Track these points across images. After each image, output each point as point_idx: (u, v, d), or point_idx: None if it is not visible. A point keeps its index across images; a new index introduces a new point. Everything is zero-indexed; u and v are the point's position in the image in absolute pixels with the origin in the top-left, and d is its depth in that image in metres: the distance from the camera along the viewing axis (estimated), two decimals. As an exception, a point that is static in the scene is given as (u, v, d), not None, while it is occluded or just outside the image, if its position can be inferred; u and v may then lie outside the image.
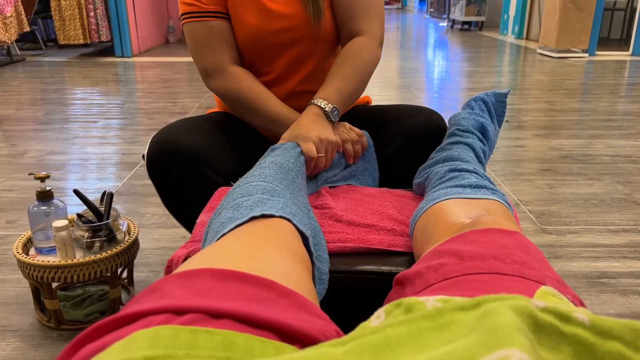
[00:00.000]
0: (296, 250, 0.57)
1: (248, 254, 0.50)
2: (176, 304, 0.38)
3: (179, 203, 1.07)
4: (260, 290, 0.43)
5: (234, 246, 0.53)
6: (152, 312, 0.37)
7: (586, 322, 0.31)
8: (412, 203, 0.97)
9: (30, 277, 1.12)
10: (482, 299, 0.32)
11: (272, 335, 0.38)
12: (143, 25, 5.87)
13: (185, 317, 0.37)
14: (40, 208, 1.16)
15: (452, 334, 0.30)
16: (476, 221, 0.62)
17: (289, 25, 1.05)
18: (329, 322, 0.44)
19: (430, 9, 11.86)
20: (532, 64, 5.08)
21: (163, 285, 0.42)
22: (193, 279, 0.43)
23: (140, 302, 0.40)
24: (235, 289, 0.42)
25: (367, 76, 1.05)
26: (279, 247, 0.54)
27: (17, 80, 4.25)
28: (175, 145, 0.96)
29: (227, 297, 0.40)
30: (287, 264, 0.51)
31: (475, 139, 0.98)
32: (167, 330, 0.34)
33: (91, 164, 2.31)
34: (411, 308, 0.36)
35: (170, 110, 3.22)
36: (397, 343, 0.31)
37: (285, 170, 0.80)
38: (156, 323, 0.36)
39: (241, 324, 0.38)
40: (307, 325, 0.40)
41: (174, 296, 0.40)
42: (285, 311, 0.41)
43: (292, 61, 1.09)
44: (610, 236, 1.61)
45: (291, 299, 0.43)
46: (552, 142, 2.59)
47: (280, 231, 0.59)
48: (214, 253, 0.50)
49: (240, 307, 0.39)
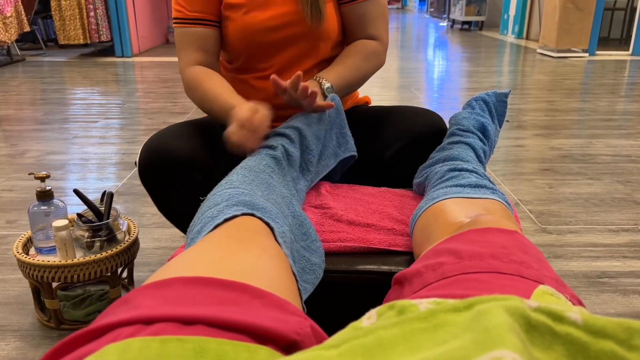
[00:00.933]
0: (265, 245, 0.57)
1: (217, 259, 0.50)
2: (146, 314, 0.38)
3: (174, 208, 1.07)
4: (232, 293, 0.43)
5: (202, 253, 0.53)
6: (122, 323, 0.37)
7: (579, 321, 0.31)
8: (412, 202, 0.97)
9: (31, 277, 1.12)
10: (475, 300, 0.32)
11: (246, 337, 0.38)
12: (143, 25, 5.87)
13: (154, 326, 0.37)
14: (40, 208, 1.17)
15: (445, 335, 0.30)
16: (475, 220, 0.62)
17: (285, 23, 1.05)
18: (304, 319, 0.44)
19: (430, 8, 11.85)
20: (532, 64, 5.08)
21: (134, 296, 0.42)
22: (164, 288, 0.43)
23: (111, 314, 0.40)
24: (206, 294, 0.42)
25: (368, 74, 1.10)
26: (248, 247, 0.54)
27: (17, 80, 4.25)
28: (166, 152, 0.96)
29: (198, 303, 0.40)
30: (257, 262, 0.51)
31: (476, 139, 0.98)
32: (137, 342, 0.34)
33: (91, 163, 2.31)
34: (404, 310, 0.36)
35: (170, 110, 3.22)
36: (391, 344, 0.31)
37: (255, 172, 0.80)
38: (125, 335, 0.36)
39: (214, 328, 0.38)
40: (280, 325, 0.40)
41: (144, 306, 0.40)
42: (259, 312, 0.41)
43: (291, 58, 1.09)
44: (610, 236, 1.61)
45: (264, 300, 0.44)
46: (552, 141, 2.59)
47: (246, 230, 0.59)
48: (184, 261, 0.50)
49: (211, 312, 0.39)
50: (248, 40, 1.07)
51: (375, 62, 1.11)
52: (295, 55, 1.09)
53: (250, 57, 1.11)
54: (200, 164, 0.97)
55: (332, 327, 0.43)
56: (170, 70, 4.73)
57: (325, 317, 0.60)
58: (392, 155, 1.07)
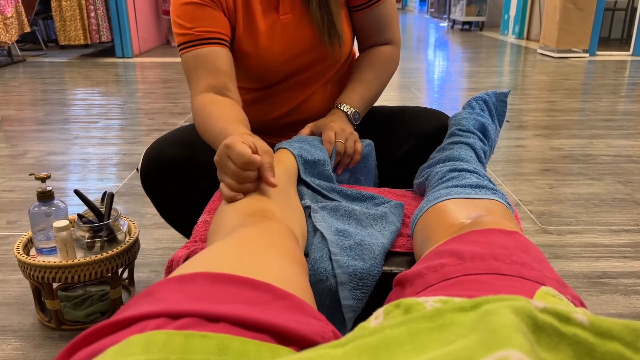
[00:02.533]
0: (292, 251, 0.57)
1: (243, 257, 0.50)
2: (171, 308, 0.38)
3: (176, 213, 1.07)
4: (255, 292, 0.43)
5: (228, 250, 0.53)
6: (146, 316, 0.37)
7: (585, 322, 0.31)
8: (412, 203, 0.97)
9: (31, 278, 1.12)
10: (481, 300, 0.32)
11: (268, 337, 0.38)
12: (144, 26, 5.87)
13: (180, 321, 0.37)
14: (40, 208, 1.17)
15: (451, 335, 0.30)
16: (476, 221, 0.62)
17: (301, 50, 1.00)
18: (325, 323, 0.44)
19: (430, 9, 11.85)
20: (533, 64, 5.07)
21: (158, 289, 0.42)
22: (188, 283, 0.43)
23: (135, 306, 0.40)
24: (230, 292, 0.42)
25: (386, 82, 1.08)
26: (274, 250, 0.54)
27: (18, 81, 4.25)
28: (167, 158, 0.96)
29: (222, 301, 0.40)
30: (282, 266, 0.51)
31: (476, 139, 0.98)
32: (161, 335, 0.34)
33: (92, 164, 2.31)
34: (410, 309, 0.36)
35: (171, 111, 3.22)
36: (396, 344, 0.31)
37: None
38: (151, 327, 0.36)
39: (237, 327, 0.38)
40: (303, 327, 0.40)
41: (169, 300, 0.40)
42: (282, 313, 0.41)
43: (307, 77, 1.06)
44: (611, 236, 1.61)
45: (287, 301, 0.43)
46: (552, 142, 2.59)
47: (275, 233, 0.59)
48: (209, 257, 0.50)
49: (235, 310, 0.39)
50: (264, 71, 1.02)
51: (393, 67, 1.08)
52: (311, 74, 1.06)
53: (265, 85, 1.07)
54: (202, 168, 0.97)
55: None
56: (171, 70, 4.73)
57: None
58: (402, 156, 1.08)
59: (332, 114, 1.02)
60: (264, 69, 1.01)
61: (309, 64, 1.03)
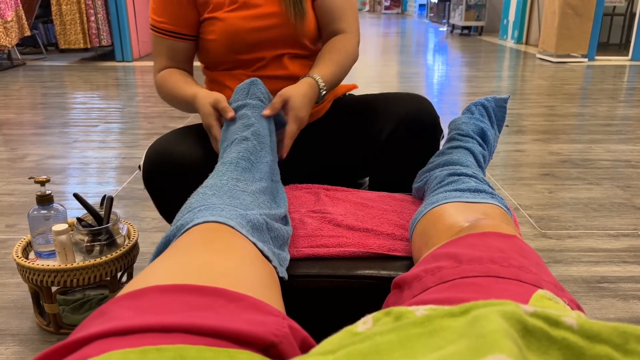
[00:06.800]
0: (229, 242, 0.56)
1: (189, 265, 0.50)
2: (124, 325, 0.38)
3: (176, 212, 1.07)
4: (208, 298, 0.43)
5: (172, 260, 0.53)
6: (100, 335, 0.37)
7: (575, 326, 0.31)
8: (411, 207, 0.97)
9: (30, 281, 1.12)
10: (470, 305, 0.32)
11: (226, 342, 0.38)
12: (143, 30, 5.88)
13: (134, 336, 0.37)
14: (40, 212, 1.17)
15: (441, 340, 0.30)
16: (474, 225, 0.62)
17: (270, 23, 1.08)
18: (282, 318, 0.44)
19: (430, 13, 11.89)
20: (532, 69, 5.09)
21: (110, 309, 0.42)
22: (139, 298, 0.42)
23: (87, 327, 0.40)
24: (183, 301, 0.42)
25: (349, 68, 1.14)
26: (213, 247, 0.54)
27: (18, 85, 4.26)
28: (170, 156, 0.97)
29: (175, 311, 0.40)
30: (230, 264, 0.51)
31: (475, 144, 0.98)
32: (117, 355, 0.34)
33: (91, 168, 2.31)
34: (401, 316, 0.36)
35: (170, 115, 3.23)
36: (387, 350, 0.31)
37: (217, 187, 0.78)
38: (105, 346, 0.36)
39: (193, 335, 0.38)
40: (257, 328, 0.40)
41: (121, 317, 0.39)
42: (235, 315, 0.41)
43: (276, 54, 1.11)
44: (610, 241, 1.61)
45: (240, 302, 0.43)
46: (551, 146, 2.60)
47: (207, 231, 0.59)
48: (157, 270, 0.50)
49: (189, 319, 0.39)
50: (233, 41, 1.08)
51: (353, 56, 1.14)
52: (280, 51, 1.11)
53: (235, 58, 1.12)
54: (204, 168, 0.98)
55: (331, 332, 0.43)
56: (171, 74, 4.73)
57: (324, 322, 0.60)
58: (385, 139, 1.11)
59: (305, 82, 1.03)
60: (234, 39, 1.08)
61: (277, 36, 1.09)
